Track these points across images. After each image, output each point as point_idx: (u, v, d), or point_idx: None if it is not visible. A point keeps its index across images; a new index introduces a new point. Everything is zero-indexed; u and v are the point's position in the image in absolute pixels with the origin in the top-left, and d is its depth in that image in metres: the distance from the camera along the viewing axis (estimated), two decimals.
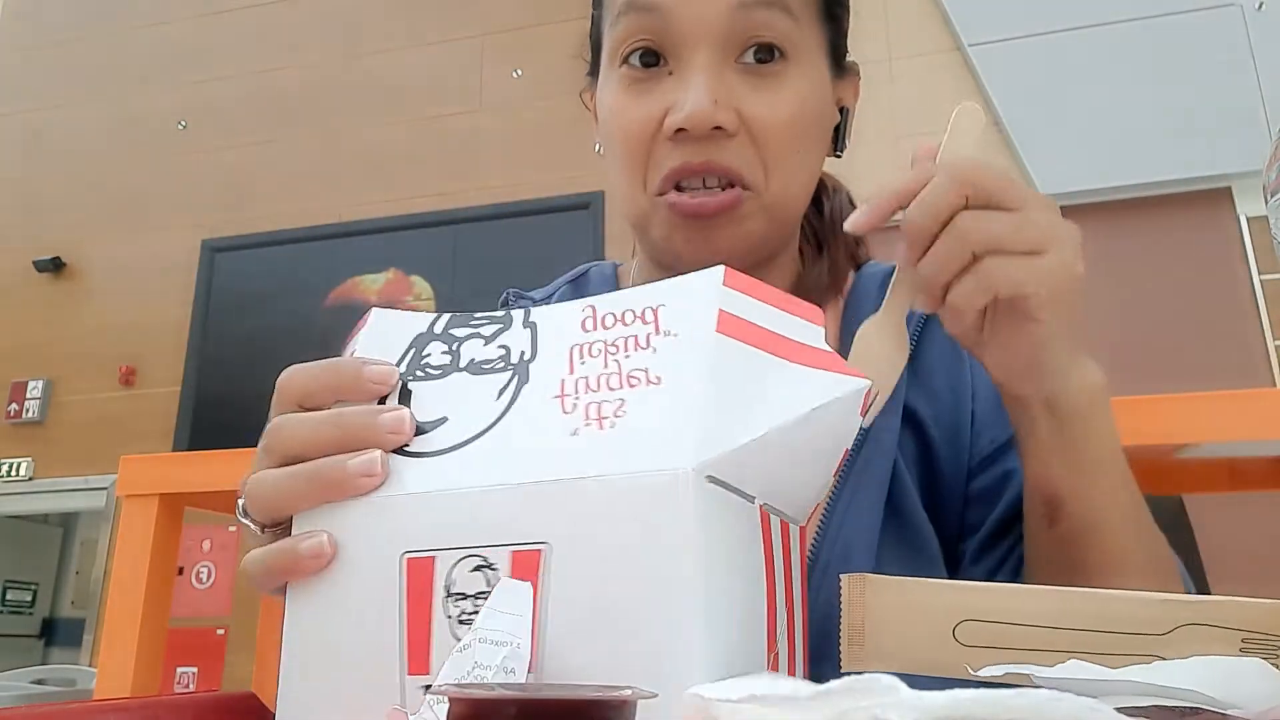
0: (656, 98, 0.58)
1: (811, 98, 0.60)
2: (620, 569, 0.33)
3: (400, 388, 0.40)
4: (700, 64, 0.56)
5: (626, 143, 0.59)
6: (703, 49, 0.57)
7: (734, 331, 0.38)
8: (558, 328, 0.41)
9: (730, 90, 0.57)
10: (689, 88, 0.56)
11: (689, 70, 0.57)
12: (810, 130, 0.61)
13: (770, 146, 0.58)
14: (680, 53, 0.57)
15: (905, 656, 0.35)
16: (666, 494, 0.33)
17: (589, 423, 0.36)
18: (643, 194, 0.60)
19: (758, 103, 0.57)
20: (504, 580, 0.34)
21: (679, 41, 0.57)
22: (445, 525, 0.35)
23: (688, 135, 0.56)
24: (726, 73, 0.57)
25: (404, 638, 0.35)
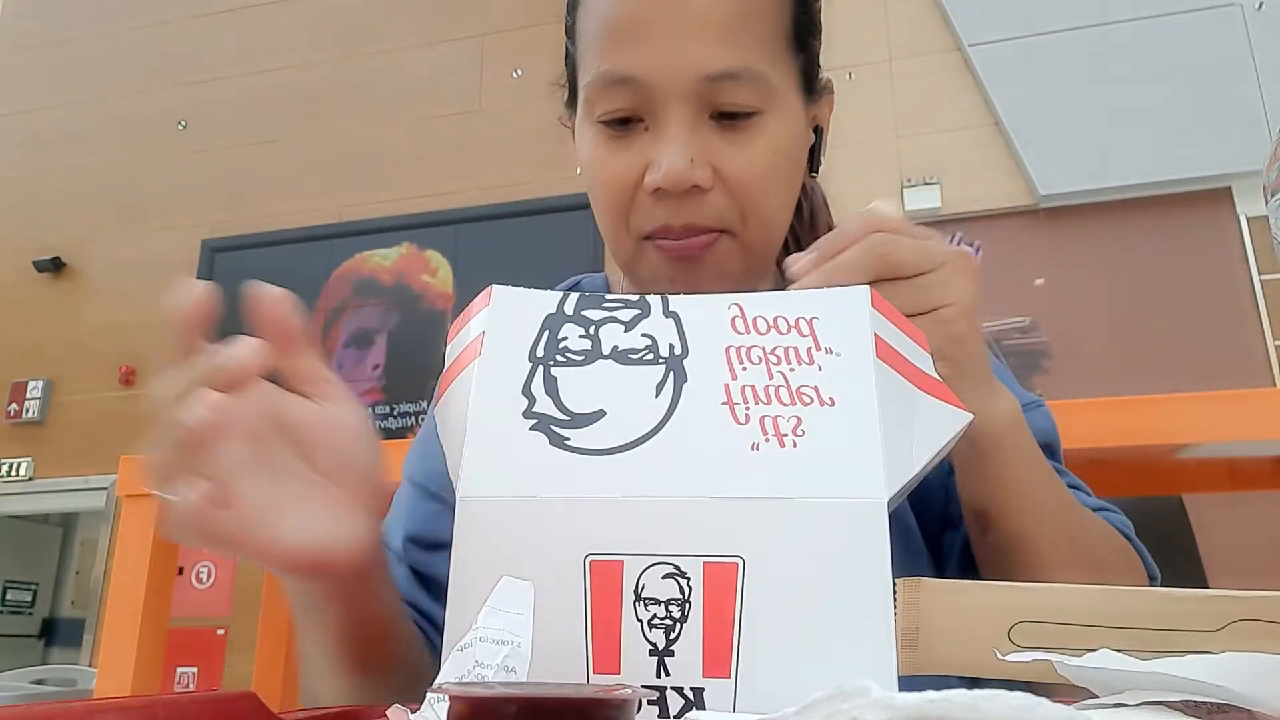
0: (635, 153, 0.60)
1: (785, 141, 0.61)
2: (813, 589, 0.34)
3: (544, 372, 0.40)
4: (675, 123, 0.58)
5: (608, 196, 0.61)
6: (676, 109, 0.58)
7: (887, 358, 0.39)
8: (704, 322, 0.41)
9: (705, 146, 0.59)
10: (665, 147, 0.58)
11: (665, 129, 0.58)
12: (784, 172, 0.62)
13: (747, 197, 0.60)
14: (656, 112, 0.59)
15: (961, 660, 0.35)
16: (862, 521, 0.34)
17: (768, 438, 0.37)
18: (627, 239, 0.62)
19: (733, 157, 0.59)
20: (505, 579, 0.34)
21: (654, 104, 0.59)
22: (633, 531, 0.35)
23: (666, 193, 0.58)
24: (701, 129, 0.59)
25: (590, 638, 0.35)
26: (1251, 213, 3.09)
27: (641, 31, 0.58)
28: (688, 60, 0.57)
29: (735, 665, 0.34)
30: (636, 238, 0.61)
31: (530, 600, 0.34)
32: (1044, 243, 3.26)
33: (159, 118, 4.24)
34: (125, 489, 1.32)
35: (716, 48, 0.58)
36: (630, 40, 0.59)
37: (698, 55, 0.57)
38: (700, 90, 0.58)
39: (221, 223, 4.02)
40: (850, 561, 0.34)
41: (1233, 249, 3.11)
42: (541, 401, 0.39)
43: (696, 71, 0.57)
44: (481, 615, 0.34)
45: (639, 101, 0.59)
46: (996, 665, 0.34)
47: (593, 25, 0.61)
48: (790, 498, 0.35)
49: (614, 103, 0.60)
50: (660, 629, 0.34)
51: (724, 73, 0.58)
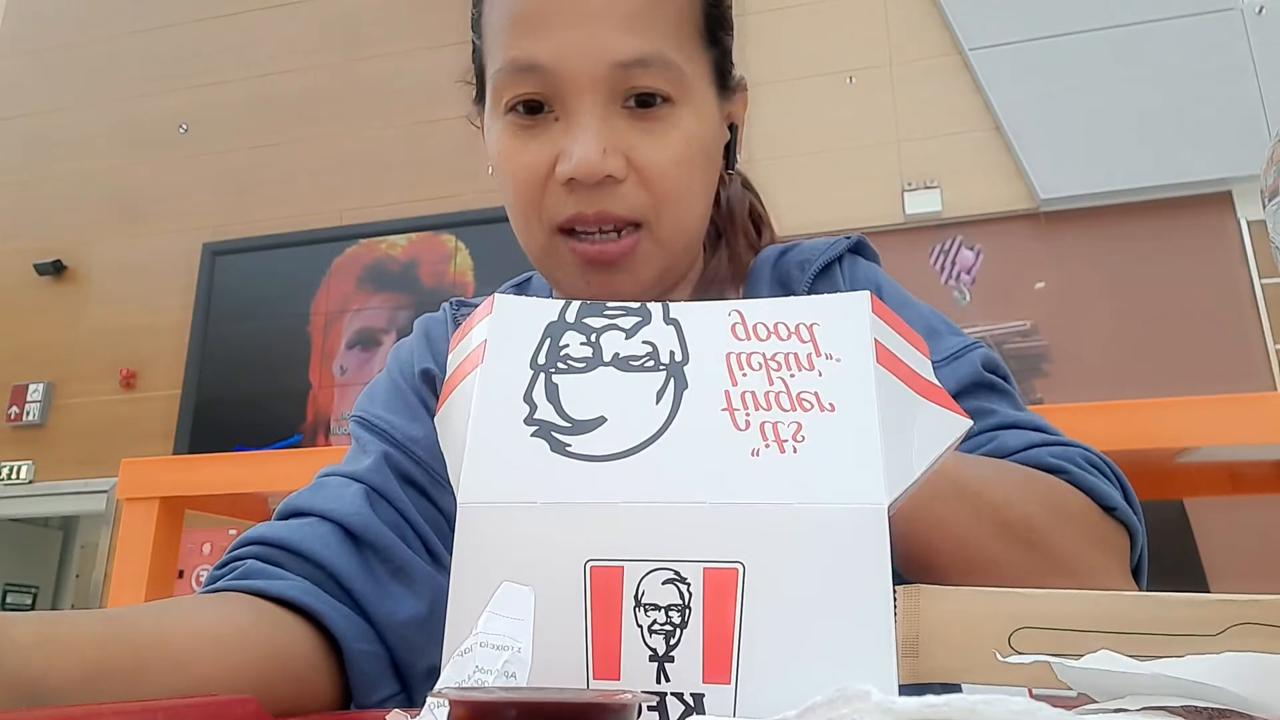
0: (545, 143, 0.59)
1: (699, 133, 0.60)
2: (812, 595, 0.34)
3: (545, 379, 0.40)
4: (586, 112, 0.57)
5: (519, 188, 0.60)
6: (587, 97, 0.57)
7: (888, 364, 0.40)
8: (704, 329, 0.41)
9: (618, 136, 0.58)
10: (576, 137, 0.57)
11: (576, 118, 0.58)
12: (699, 164, 0.61)
13: (661, 187, 0.59)
14: (566, 102, 0.58)
15: (961, 667, 0.35)
16: (862, 527, 0.34)
17: (768, 444, 0.37)
18: (541, 231, 0.61)
19: (646, 146, 0.58)
20: (505, 584, 0.34)
21: (564, 93, 0.58)
22: (633, 537, 0.35)
23: (579, 184, 0.57)
24: (613, 118, 0.58)
25: (590, 644, 0.35)
26: (1252, 216, 3.09)
27: (549, 19, 0.57)
28: (597, 47, 0.57)
29: (735, 671, 0.34)
30: (549, 230, 0.60)
31: (531, 605, 0.34)
32: (1044, 246, 3.26)
33: (161, 121, 4.25)
34: (126, 492, 1.32)
35: (625, 35, 0.57)
36: (538, 28, 0.58)
37: (607, 42, 0.57)
38: (611, 78, 0.57)
39: (223, 226, 4.03)
40: (851, 567, 0.34)
41: (1233, 253, 3.11)
42: (543, 408, 0.39)
43: (607, 58, 0.57)
44: (482, 620, 0.34)
45: (548, 90, 0.58)
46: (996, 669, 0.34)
47: (499, 16, 0.60)
48: (791, 503, 0.35)
49: (522, 88, 0.59)
50: (660, 634, 0.35)
51: (635, 59, 0.57)
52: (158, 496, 1.30)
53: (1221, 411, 1.06)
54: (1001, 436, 0.57)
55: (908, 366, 0.41)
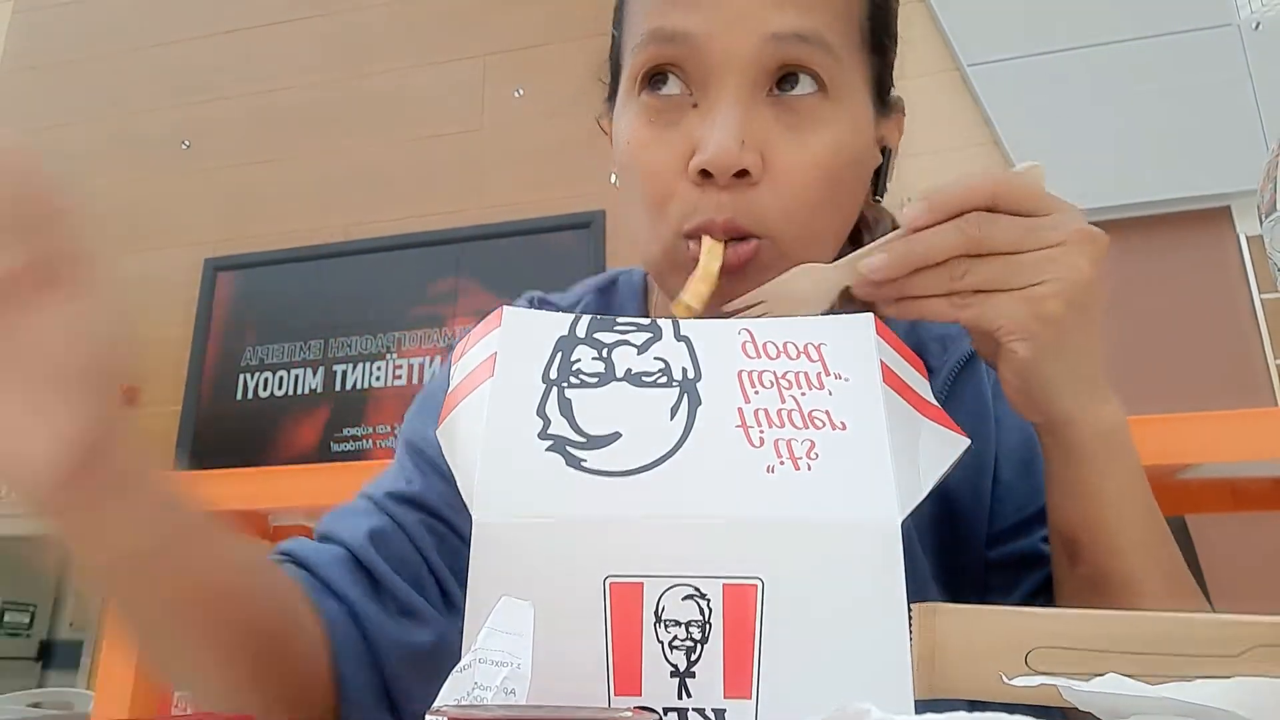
0: (680, 133, 0.55)
1: (849, 141, 0.56)
2: (830, 610, 0.35)
3: (558, 394, 0.40)
4: (728, 99, 0.53)
5: (648, 182, 0.56)
6: (731, 81, 0.53)
7: (893, 384, 0.40)
8: (715, 346, 0.42)
9: (760, 128, 0.54)
10: (715, 124, 0.53)
11: (716, 104, 0.53)
12: (844, 177, 0.57)
13: (797, 196, 0.54)
14: (707, 84, 0.54)
15: (977, 684, 0.35)
16: (878, 544, 0.35)
17: (783, 460, 0.37)
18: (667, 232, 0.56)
19: (789, 144, 0.54)
20: (504, 600, 0.34)
21: (706, 72, 0.54)
22: (652, 553, 0.36)
23: (711, 179, 0.53)
24: (757, 107, 0.54)
25: (610, 660, 0.35)
26: (1251, 232, 3.09)
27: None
28: (751, 17, 0.52)
29: (756, 686, 0.34)
30: (675, 233, 0.56)
31: (530, 621, 0.34)
32: None
33: (163, 137, 4.26)
34: None
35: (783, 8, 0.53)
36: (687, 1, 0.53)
37: (762, 13, 0.52)
38: (761, 55, 0.53)
39: (225, 241, 4.04)
40: (867, 583, 0.35)
41: (1233, 268, 3.11)
42: (557, 423, 0.39)
43: (761, 29, 0.52)
44: (480, 636, 0.34)
45: (690, 64, 0.54)
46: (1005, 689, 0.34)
47: None
48: (807, 519, 0.36)
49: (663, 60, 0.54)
50: (681, 650, 0.35)
51: (791, 32, 0.52)
52: None
53: (1223, 427, 1.05)
54: None
55: (910, 387, 0.42)
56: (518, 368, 0.41)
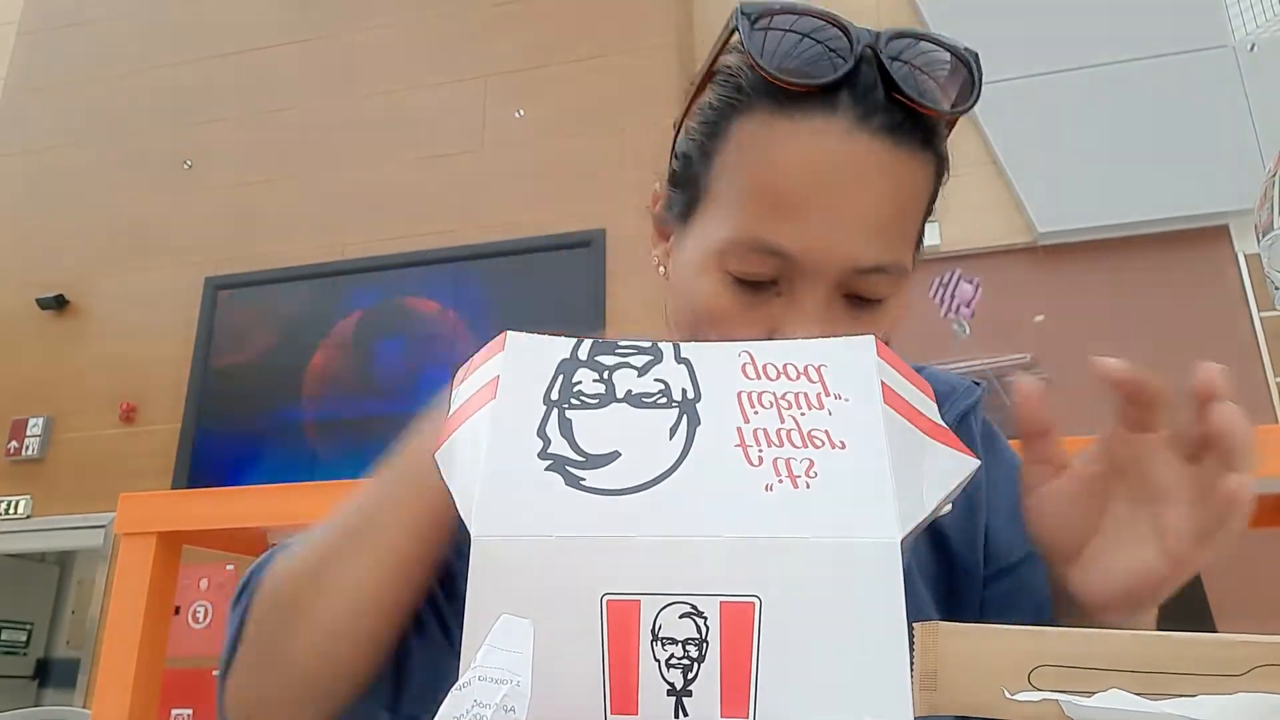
0: (763, 314, 0.58)
1: (900, 318, 0.61)
2: (829, 628, 0.35)
3: (559, 414, 0.40)
4: (814, 302, 0.57)
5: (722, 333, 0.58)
6: (817, 288, 0.57)
7: (894, 405, 0.40)
8: (715, 368, 0.42)
9: (833, 322, 0.57)
10: (799, 322, 0.56)
11: (801, 303, 0.57)
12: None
13: None
14: (794, 283, 0.57)
15: (979, 702, 0.35)
16: (877, 562, 0.35)
17: (782, 479, 0.37)
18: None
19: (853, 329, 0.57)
20: (504, 618, 0.34)
21: (794, 277, 0.57)
22: (649, 571, 0.35)
23: None
24: (834, 309, 0.58)
25: (607, 678, 0.35)
26: (1249, 250, 3.10)
27: (803, 210, 0.56)
28: (843, 251, 0.56)
29: (753, 705, 0.34)
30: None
31: (530, 639, 0.34)
32: (1043, 279, 3.28)
33: (165, 157, 4.28)
34: (123, 527, 1.31)
35: (873, 243, 0.57)
36: (789, 215, 0.56)
37: (854, 248, 0.56)
38: (846, 278, 0.57)
39: (226, 260, 4.05)
40: (865, 602, 0.34)
41: (1231, 286, 3.12)
42: (556, 443, 0.39)
43: (849, 262, 0.56)
44: (480, 654, 0.33)
45: (780, 272, 0.57)
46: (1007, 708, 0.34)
47: (748, 177, 0.58)
48: (806, 538, 0.35)
49: (755, 268, 0.57)
50: (678, 669, 0.34)
51: (874, 267, 0.57)
52: (155, 531, 1.29)
53: None
54: None
55: (914, 408, 0.41)
56: (520, 390, 0.41)
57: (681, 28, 3.84)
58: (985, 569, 0.65)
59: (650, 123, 3.46)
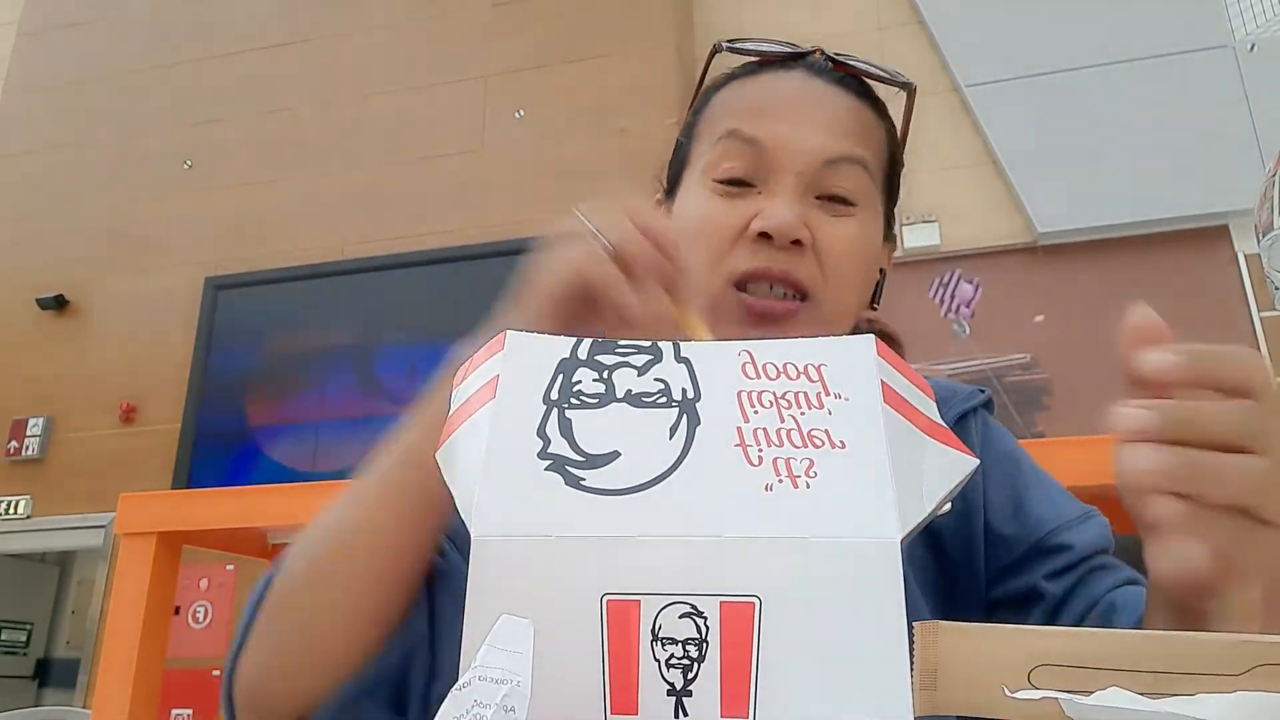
0: (744, 205, 0.65)
1: (869, 241, 0.68)
2: (829, 628, 0.35)
3: (558, 414, 0.40)
4: (789, 189, 0.64)
5: (709, 239, 0.65)
6: (791, 180, 0.65)
7: (894, 404, 0.40)
8: (715, 368, 0.42)
9: (809, 215, 0.65)
10: (778, 204, 0.64)
11: (778, 192, 0.65)
12: (866, 263, 0.68)
13: (834, 267, 0.65)
14: (769, 180, 0.65)
15: (979, 701, 0.35)
16: (877, 561, 0.35)
17: (782, 479, 0.37)
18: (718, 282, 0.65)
19: (832, 229, 0.65)
20: (504, 617, 0.34)
21: (770, 172, 0.65)
22: (649, 570, 0.35)
23: (769, 242, 0.63)
24: (807, 202, 0.65)
25: (607, 678, 0.35)
26: (1249, 250, 3.11)
27: (775, 111, 0.66)
28: (812, 143, 0.65)
29: (753, 705, 0.34)
30: (726, 282, 0.65)
31: (530, 639, 0.34)
32: (1043, 280, 3.28)
33: (165, 158, 4.29)
34: (124, 527, 1.32)
35: (838, 140, 0.66)
36: (764, 114, 0.66)
37: (822, 141, 0.65)
38: (815, 173, 0.65)
39: (226, 260, 4.05)
40: (865, 601, 0.34)
41: (1231, 286, 3.12)
42: (556, 443, 0.39)
43: (818, 152, 0.65)
44: (480, 654, 0.33)
45: (758, 168, 0.65)
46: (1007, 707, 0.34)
47: (723, 105, 0.70)
48: (806, 537, 0.35)
49: (735, 161, 0.66)
50: (678, 669, 0.34)
51: (842, 157, 0.65)
52: (155, 531, 1.29)
53: None
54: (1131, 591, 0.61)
55: (914, 407, 0.41)
56: (519, 390, 0.41)
57: (681, 28, 3.84)
58: (989, 569, 0.65)
59: (650, 123, 3.46)
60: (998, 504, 0.66)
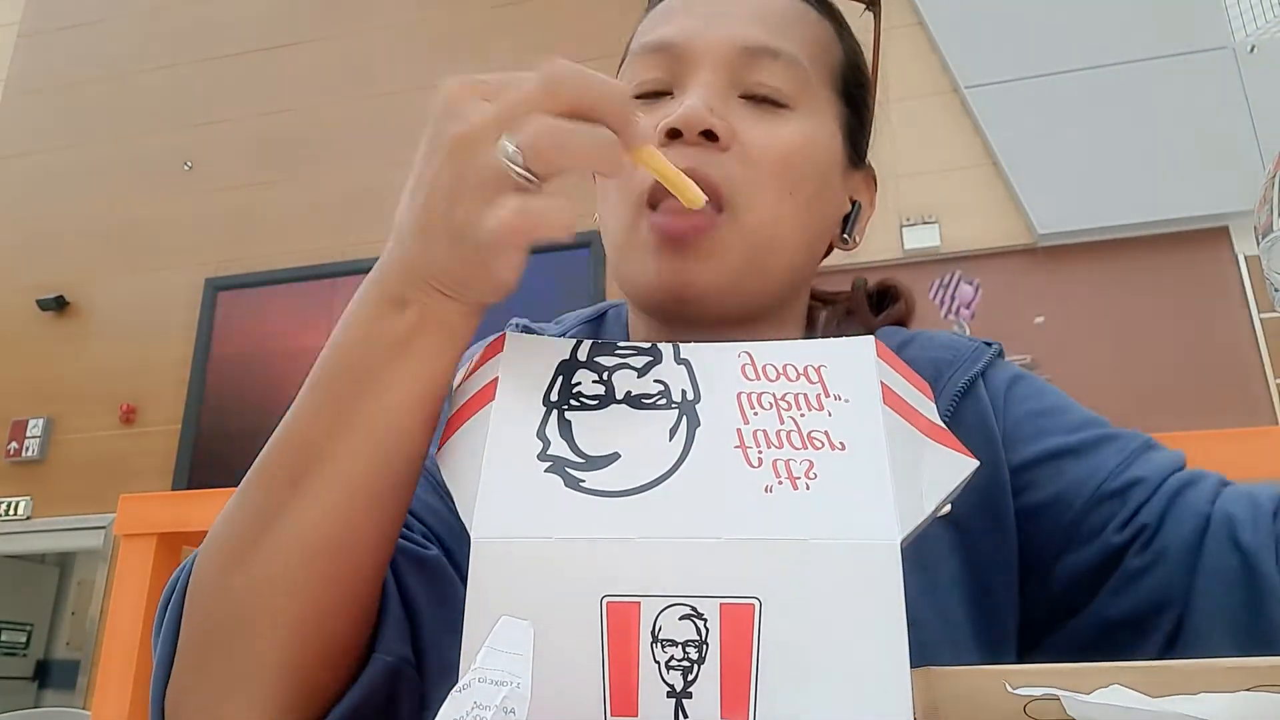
0: (657, 113, 0.56)
1: (814, 144, 0.58)
2: (829, 630, 0.35)
3: (558, 416, 0.40)
4: (700, 80, 0.56)
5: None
6: (704, 75, 0.56)
7: (894, 405, 0.40)
8: (715, 369, 0.42)
9: (730, 110, 0.56)
10: (685, 97, 0.55)
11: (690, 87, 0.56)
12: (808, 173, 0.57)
13: (762, 169, 0.55)
14: (684, 80, 0.57)
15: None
16: (878, 563, 0.35)
17: (781, 481, 0.37)
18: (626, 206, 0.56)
19: (757, 127, 0.56)
20: (504, 619, 0.34)
21: (684, 71, 0.57)
22: (649, 572, 0.35)
23: (680, 140, 0.54)
24: (729, 100, 0.56)
25: (607, 680, 0.35)
26: (1250, 252, 3.11)
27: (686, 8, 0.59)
28: (726, 30, 0.57)
29: (753, 706, 0.34)
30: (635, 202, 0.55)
31: (530, 640, 0.34)
32: (1043, 281, 3.28)
33: (166, 158, 4.29)
34: (124, 528, 1.32)
35: (758, 27, 0.57)
36: (673, 16, 0.59)
37: (738, 28, 0.57)
38: (735, 62, 0.56)
39: (226, 261, 4.05)
40: (866, 603, 0.34)
41: (1232, 288, 3.12)
42: (556, 444, 0.39)
43: (734, 40, 0.56)
44: (480, 655, 0.33)
45: (672, 70, 0.57)
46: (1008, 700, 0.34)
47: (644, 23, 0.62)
48: (805, 539, 0.35)
49: (648, 73, 0.58)
50: (678, 670, 0.35)
51: (762, 46, 0.56)
52: (156, 533, 1.29)
53: (1223, 446, 1.06)
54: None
55: (913, 408, 0.41)
56: (519, 391, 0.41)
57: None
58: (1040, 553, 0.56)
59: None
60: (1039, 478, 0.57)
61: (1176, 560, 0.50)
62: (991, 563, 0.58)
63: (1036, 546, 0.57)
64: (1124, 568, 0.52)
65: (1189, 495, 0.52)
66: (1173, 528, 0.51)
